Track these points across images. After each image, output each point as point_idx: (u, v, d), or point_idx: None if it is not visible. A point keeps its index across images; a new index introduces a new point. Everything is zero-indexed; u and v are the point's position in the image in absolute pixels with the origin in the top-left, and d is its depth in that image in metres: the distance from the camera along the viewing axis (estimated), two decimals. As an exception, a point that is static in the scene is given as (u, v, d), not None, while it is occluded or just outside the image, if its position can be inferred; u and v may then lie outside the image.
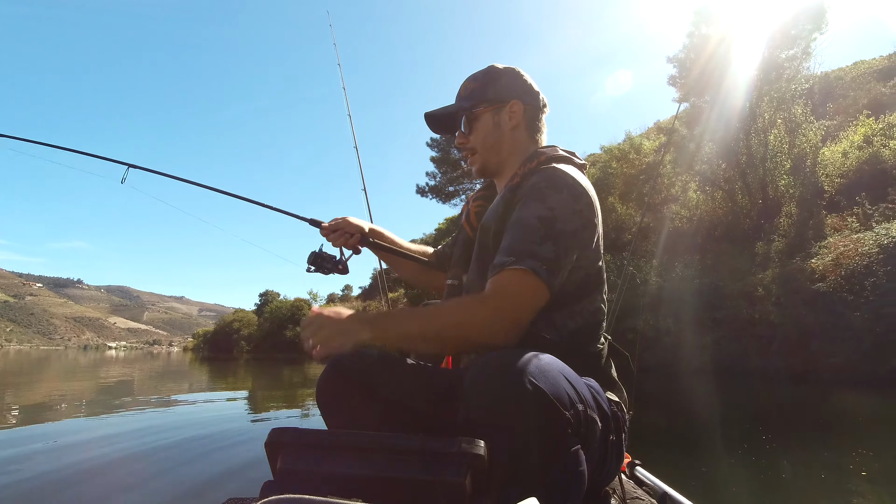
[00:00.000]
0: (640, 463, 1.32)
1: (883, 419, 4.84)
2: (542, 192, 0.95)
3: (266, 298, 46.93)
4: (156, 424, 4.38)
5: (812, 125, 11.67)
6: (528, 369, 0.72)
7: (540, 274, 0.88)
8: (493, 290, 0.89)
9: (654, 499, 1.15)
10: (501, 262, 0.91)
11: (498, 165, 1.13)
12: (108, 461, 2.99)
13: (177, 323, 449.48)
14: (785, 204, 11.37)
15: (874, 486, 2.55)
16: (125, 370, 15.05)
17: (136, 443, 3.58)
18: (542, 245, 0.90)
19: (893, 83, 16.83)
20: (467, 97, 1.13)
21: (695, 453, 3.38)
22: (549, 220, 0.92)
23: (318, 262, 1.34)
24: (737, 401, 6.13)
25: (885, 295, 6.91)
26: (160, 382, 10.44)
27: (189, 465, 2.86)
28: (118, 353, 60.82)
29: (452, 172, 30.06)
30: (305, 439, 0.72)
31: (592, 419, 0.80)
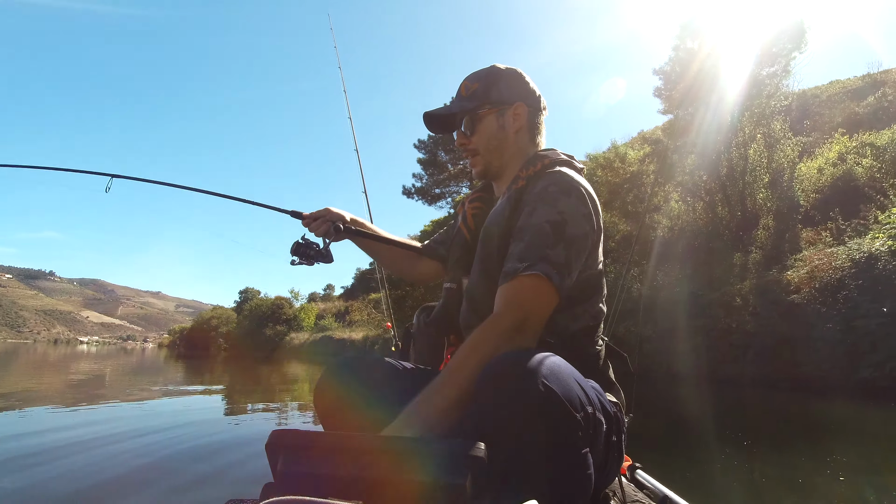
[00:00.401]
0: (640, 466, 1.32)
1: (852, 427, 5.00)
2: (552, 197, 0.95)
3: (246, 296, 46.12)
4: (151, 424, 4.28)
5: (790, 141, 12.04)
6: (541, 371, 0.72)
7: (552, 278, 0.89)
8: (507, 301, 0.89)
9: (654, 502, 1.16)
10: (514, 268, 0.91)
11: (500, 168, 1.13)
12: (104, 461, 2.93)
13: (152, 318, 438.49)
14: (763, 217, 11.68)
15: (849, 490, 2.63)
16: (100, 365, 14.63)
17: (134, 442, 3.52)
18: (553, 249, 0.91)
19: (866, 103, 17.46)
20: (470, 97, 1.11)
21: (675, 454, 3.44)
22: (560, 225, 0.92)
23: (301, 251, 1.33)
24: (713, 406, 6.27)
25: (855, 308, 7.15)
26: (148, 378, 10.18)
27: (189, 466, 2.82)
28: (90, 347, 59.10)
29: (439, 174, 30.10)
30: (306, 441, 0.71)
31: (599, 421, 0.81)
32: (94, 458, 2.96)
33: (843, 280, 7.61)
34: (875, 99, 17.22)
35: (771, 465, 3.29)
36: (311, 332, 34.66)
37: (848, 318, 7.14)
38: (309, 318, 37.21)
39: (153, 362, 19.09)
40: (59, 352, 31.40)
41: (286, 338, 35.57)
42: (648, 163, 15.34)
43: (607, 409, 0.87)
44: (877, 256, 7.40)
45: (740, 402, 6.73)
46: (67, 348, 48.54)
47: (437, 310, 1.16)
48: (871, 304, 6.98)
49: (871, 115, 16.27)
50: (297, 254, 1.33)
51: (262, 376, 12.26)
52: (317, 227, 1.32)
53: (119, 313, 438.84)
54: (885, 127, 13.63)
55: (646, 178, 14.91)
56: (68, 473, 2.58)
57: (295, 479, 0.68)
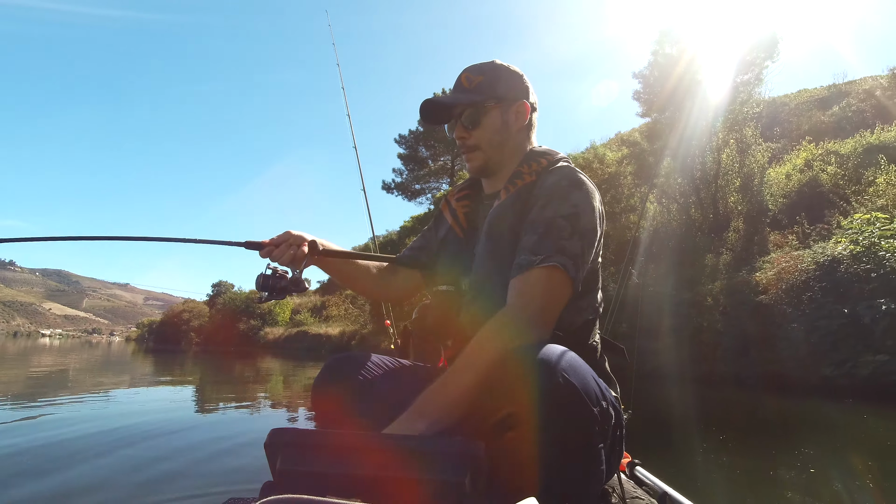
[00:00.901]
0: (639, 462, 1.33)
1: (814, 422, 5.23)
2: (564, 191, 0.96)
3: (219, 289, 45.12)
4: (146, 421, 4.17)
5: (760, 147, 12.47)
6: (561, 365, 0.73)
7: (568, 269, 0.89)
8: (518, 293, 0.89)
9: (653, 498, 1.16)
10: (529, 260, 0.90)
11: (498, 165, 1.11)
12: (94, 459, 2.85)
13: (120, 311, 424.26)
14: (734, 219, 12.06)
15: (814, 480, 2.76)
16: (68, 359, 14.08)
17: (128, 440, 3.43)
18: (569, 241, 0.91)
19: (831, 112, 18.21)
20: (474, 90, 1.08)
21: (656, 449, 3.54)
22: (575, 217, 0.93)
23: (270, 283, 1.14)
24: (687, 403, 6.47)
25: (819, 309, 7.46)
26: (121, 373, 9.83)
27: (188, 465, 2.77)
28: (52, 340, 56.79)
29: (419, 170, 29.99)
30: (305, 440, 0.72)
31: (610, 416, 0.82)
32: (85, 456, 2.90)
33: (808, 282, 7.92)
34: (839, 109, 17.96)
35: (744, 458, 3.42)
36: (286, 326, 34.15)
37: (812, 318, 7.45)
38: (284, 312, 36.65)
39: (122, 356, 18.48)
40: (18, 345, 30.09)
41: (260, 332, 34.97)
42: (626, 164, 15.64)
43: (613, 404, 0.87)
44: (839, 260, 7.73)
45: (712, 399, 6.96)
46: (28, 341, 46.53)
47: (433, 314, 1.13)
48: (834, 305, 7.29)
49: (835, 125, 16.98)
50: (265, 288, 1.14)
51: (237, 371, 12.02)
52: (280, 255, 1.14)
53: (84, 305, 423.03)
54: (848, 136, 14.25)
55: (623, 180, 15.21)
56: (62, 474, 2.52)
57: (294, 478, 0.69)
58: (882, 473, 2.94)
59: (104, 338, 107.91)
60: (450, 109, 1.12)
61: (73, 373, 9.61)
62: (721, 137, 12.50)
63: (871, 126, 14.14)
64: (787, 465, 3.17)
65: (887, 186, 9.93)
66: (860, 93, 18.54)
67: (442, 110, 1.13)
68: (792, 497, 2.55)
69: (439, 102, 1.11)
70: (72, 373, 9.60)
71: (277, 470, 0.70)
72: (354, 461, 0.68)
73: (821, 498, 2.53)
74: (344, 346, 23.01)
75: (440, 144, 28.71)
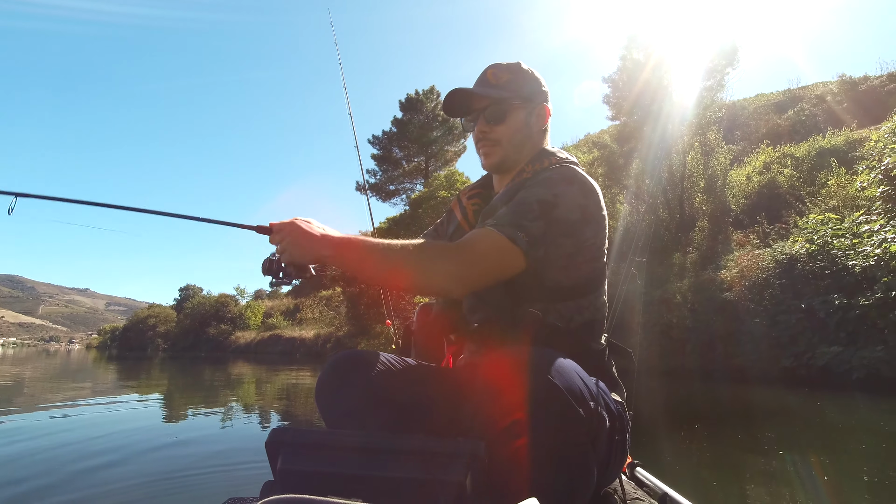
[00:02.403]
0: (640, 463, 1.32)
1: (776, 410, 5.52)
2: (551, 181, 0.98)
3: (187, 293, 43.63)
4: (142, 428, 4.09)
5: (723, 149, 12.97)
6: (545, 365, 0.73)
7: (517, 242, 0.89)
8: (463, 243, 0.91)
9: (654, 500, 1.16)
10: (484, 223, 0.94)
11: (514, 163, 1.12)
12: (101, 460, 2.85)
13: (79, 318, 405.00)
14: (699, 219, 12.51)
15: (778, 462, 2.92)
16: (23, 368, 13.34)
17: (131, 441, 3.42)
18: (532, 222, 0.92)
19: (787, 116, 19.12)
20: (503, 87, 1.09)
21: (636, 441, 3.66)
22: (550, 205, 0.94)
23: (275, 268, 1.09)
24: (660, 396, 6.68)
25: (779, 304, 7.84)
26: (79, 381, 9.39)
27: (188, 465, 2.77)
28: (6, 349, 53.71)
29: (393, 171, 29.84)
30: (306, 439, 0.72)
31: (603, 418, 0.81)
32: (86, 458, 2.88)
33: (769, 279, 8.30)
34: (794, 113, 18.88)
35: (714, 444, 3.61)
36: (259, 330, 33.35)
37: (773, 313, 7.81)
38: (255, 316, 35.78)
39: (83, 364, 17.65)
40: (-32, 355, 28.33)
41: (231, 337, 34.04)
42: (597, 166, 16.01)
43: (611, 407, 0.87)
44: (796, 258, 8.14)
45: (682, 392, 7.21)
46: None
47: (436, 309, 1.15)
48: (792, 300, 7.68)
49: (791, 128, 17.85)
50: (269, 272, 1.10)
51: (211, 377, 11.68)
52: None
53: (40, 312, 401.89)
54: (803, 139, 15.01)
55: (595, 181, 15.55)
56: (63, 475, 2.51)
57: (295, 477, 0.68)
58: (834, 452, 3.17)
59: (63, 346, 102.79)
60: (474, 102, 1.11)
61: (28, 383, 9.15)
62: (686, 140, 12.95)
63: (823, 129, 14.94)
64: (752, 450, 3.35)
65: (838, 188, 10.51)
66: (812, 98, 19.56)
67: (465, 102, 1.13)
68: (756, 480, 2.70)
69: (467, 92, 1.10)
70: (27, 383, 9.14)
71: (278, 469, 0.70)
72: (355, 461, 0.68)
73: (784, 478, 2.68)
74: (319, 350, 22.62)
75: (414, 145, 28.64)
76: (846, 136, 13.55)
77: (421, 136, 27.55)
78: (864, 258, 7.11)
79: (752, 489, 2.57)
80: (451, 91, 1.09)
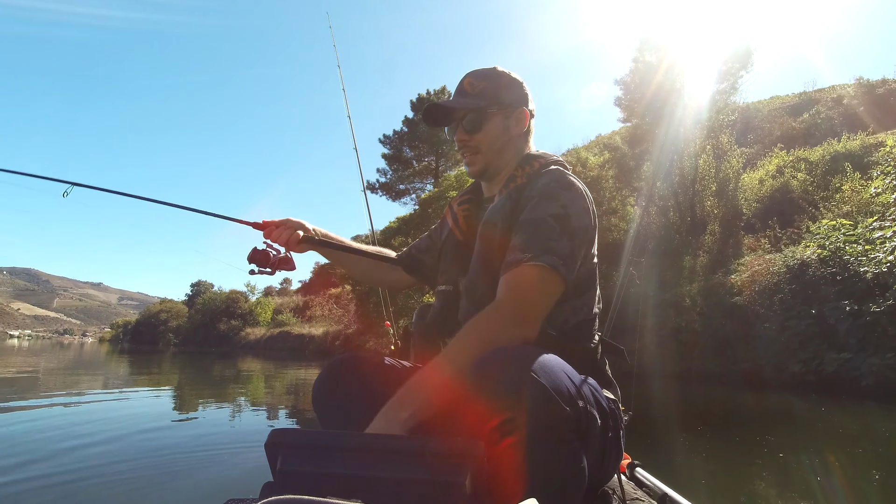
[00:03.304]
0: (639, 464, 1.33)
1: (783, 415, 5.48)
2: (554, 192, 0.98)
3: (198, 289, 44.18)
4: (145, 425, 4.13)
5: (735, 153, 12.82)
6: (530, 364, 0.74)
7: (557, 268, 0.89)
8: (508, 288, 0.90)
9: (653, 500, 1.17)
10: (517, 258, 0.91)
11: (497, 169, 1.13)
12: (99, 460, 2.85)
13: (92, 311, 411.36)
14: (710, 223, 12.38)
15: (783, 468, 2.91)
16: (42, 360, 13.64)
17: (131, 441, 3.43)
18: (558, 241, 0.92)
19: (802, 119, 18.84)
20: (478, 95, 1.11)
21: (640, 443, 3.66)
22: (564, 218, 0.94)
23: (260, 257, 1.23)
24: (667, 399, 6.66)
25: (789, 309, 7.76)
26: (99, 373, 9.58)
27: (188, 465, 2.77)
28: (21, 342, 54.76)
29: (404, 170, 29.92)
30: (305, 440, 0.72)
31: (592, 416, 0.81)
32: (84, 457, 2.89)
33: (780, 284, 8.22)
34: (809, 116, 18.60)
35: (718, 447, 3.62)
36: (268, 327, 33.66)
37: (782, 318, 7.74)
38: (265, 312, 36.12)
39: (96, 357, 17.96)
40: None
41: (241, 333, 34.40)
42: (608, 168, 15.92)
43: (602, 405, 0.87)
44: (808, 263, 8.04)
45: (690, 395, 7.17)
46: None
47: (433, 313, 1.15)
48: (802, 306, 7.59)
49: (806, 131, 17.59)
50: (255, 261, 1.22)
51: (220, 372, 11.83)
52: (279, 235, 1.24)
53: (55, 305, 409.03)
54: (818, 142, 14.78)
55: (605, 183, 15.48)
56: (63, 475, 2.51)
57: (295, 478, 0.68)
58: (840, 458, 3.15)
59: (76, 338, 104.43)
60: (452, 113, 1.13)
61: (42, 375, 9.34)
62: (698, 144, 12.82)
63: (839, 133, 14.69)
64: (757, 453, 3.34)
65: (852, 193, 10.35)
66: (829, 100, 19.24)
67: (444, 113, 1.14)
68: (762, 483, 2.69)
69: (443, 106, 1.12)
70: (41, 375, 9.33)
71: (278, 470, 0.69)
72: (354, 461, 0.68)
73: (789, 482, 2.67)
74: (328, 347, 22.75)
75: (424, 145, 28.68)
76: (862, 140, 13.32)
77: (431, 136, 27.58)
78: (877, 265, 7.01)
79: (759, 492, 2.56)
80: (428, 107, 1.12)
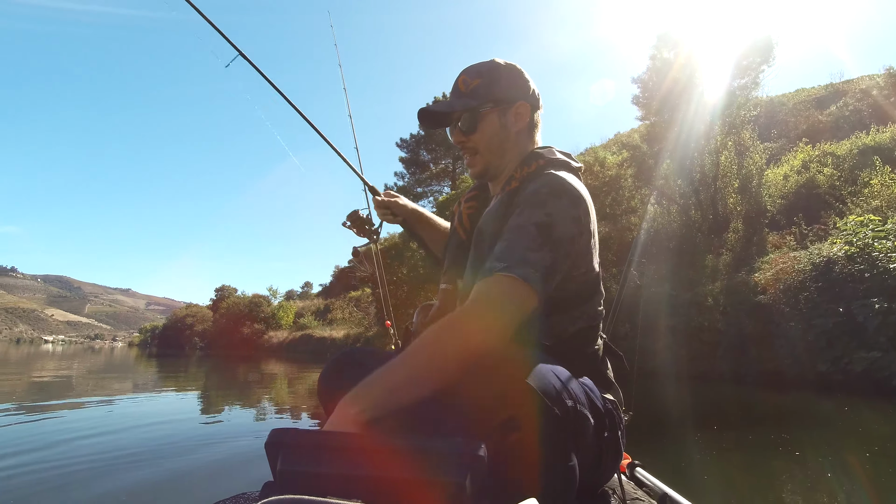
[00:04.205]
0: (639, 464, 1.33)
1: (809, 415, 5.34)
2: (541, 199, 0.92)
3: (222, 293, 45.16)
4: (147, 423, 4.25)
5: (758, 148, 12.49)
6: (517, 365, 0.75)
7: (530, 281, 0.85)
8: (475, 298, 0.86)
9: (653, 499, 1.16)
10: (491, 267, 0.88)
11: (499, 168, 1.09)
12: (97, 459, 2.93)
13: (122, 317, 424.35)
14: (733, 220, 12.09)
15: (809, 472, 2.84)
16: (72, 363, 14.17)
17: (131, 441, 3.50)
18: (538, 252, 0.87)
19: (828, 112, 18.23)
20: (471, 94, 1.06)
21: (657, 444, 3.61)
22: (547, 227, 0.89)
23: (357, 220, 1.48)
24: (688, 400, 6.57)
25: (815, 308, 7.53)
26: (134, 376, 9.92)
27: (188, 465, 2.81)
28: (55, 347, 56.84)
29: (421, 174, 30.10)
30: (306, 440, 0.72)
31: (584, 415, 0.81)
32: (85, 457, 2.94)
33: (805, 282, 7.98)
34: (836, 108, 17.98)
35: (736, 449, 3.54)
36: (290, 330, 34.19)
37: (808, 317, 7.51)
38: (287, 316, 36.70)
39: (125, 361, 18.56)
40: (22, 351, 30.18)
41: (264, 336, 35.01)
42: (626, 167, 15.71)
43: (597, 405, 0.87)
44: (834, 261, 7.79)
45: (710, 396, 7.03)
46: (31, 348, 46.65)
47: (433, 311, 1.16)
48: (829, 304, 7.36)
49: (833, 124, 17.00)
50: (351, 219, 1.48)
51: (243, 374, 12.10)
52: (382, 214, 1.45)
53: (86, 311, 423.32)
54: (846, 135, 14.29)
55: (624, 182, 15.28)
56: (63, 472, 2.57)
57: (295, 478, 0.69)
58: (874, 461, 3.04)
59: (107, 343, 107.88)
60: (448, 115, 1.09)
61: (75, 379, 9.70)
62: (719, 140, 12.55)
63: (868, 126, 14.17)
64: (780, 454, 3.27)
65: (882, 188, 9.98)
66: (857, 92, 18.56)
67: (440, 115, 1.10)
68: (787, 488, 2.62)
69: (436, 111, 1.09)
70: (74, 379, 9.69)
71: (278, 470, 0.69)
72: (355, 461, 0.67)
73: (813, 485, 2.61)
74: (350, 349, 22.89)
75: (441, 147, 28.82)
76: (892, 133, 12.83)
77: (447, 139, 27.64)
78: (909, 261, 6.76)
79: (780, 494, 2.50)
80: (419, 113, 1.09)
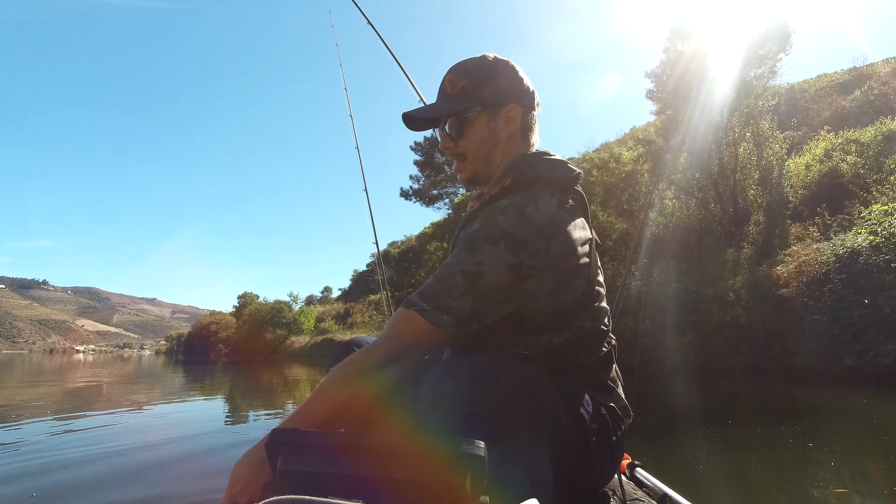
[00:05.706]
0: (639, 464, 1.33)
1: (835, 410, 5.21)
2: (476, 243, 0.87)
3: (244, 300, 46.02)
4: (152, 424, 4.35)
5: (778, 138, 12.16)
6: (481, 375, 0.77)
7: (442, 326, 0.86)
8: (388, 332, 0.90)
9: (653, 500, 1.17)
10: (410, 301, 0.89)
11: (488, 175, 1.04)
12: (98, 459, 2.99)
13: (148, 325, 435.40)
14: (753, 213, 11.81)
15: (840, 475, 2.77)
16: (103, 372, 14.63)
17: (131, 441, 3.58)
18: (458, 300, 0.85)
19: (852, 97, 17.63)
20: (457, 96, 0.99)
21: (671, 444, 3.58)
22: (474, 276, 0.85)
23: None
24: (708, 396, 6.46)
25: (839, 300, 7.30)
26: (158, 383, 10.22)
27: (188, 465, 2.86)
28: (87, 356, 58.65)
29: (436, 176, 30.20)
30: (305, 439, 0.73)
31: (558, 423, 0.84)
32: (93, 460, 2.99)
33: (829, 274, 7.75)
34: (861, 93, 17.38)
35: (757, 446, 3.49)
36: (312, 334, 34.63)
37: (833, 310, 7.30)
38: (308, 321, 37.19)
39: (153, 369, 19.07)
40: (55, 361, 31.22)
41: (286, 341, 35.53)
42: (643, 163, 15.50)
43: (583, 410, 0.88)
44: (859, 251, 7.54)
45: (733, 392, 6.90)
46: (64, 358, 48.19)
47: None
48: (854, 296, 7.13)
49: (858, 110, 16.44)
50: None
51: (266, 380, 12.32)
52: None
53: (114, 321, 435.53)
54: (870, 121, 13.81)
55: (640, 178, 15.07)
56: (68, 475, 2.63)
57: (295, 478, 0.70)
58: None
59: (135, 352, 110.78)
60: (434, 120, 1.04)
61: (106, 386, 10.01)
62: (737, 132, 12.27)
63: (895, 110, 13.69)
64: (795, 450, 3.19)
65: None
66: (883, 76, 17.92)
67: (425, 119, 1.04)
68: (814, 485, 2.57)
69: (418, 116, 1.03)
70: (105, 387, 10.00)
71: (278, 470, 0.71)
72: (355, 461, 0.68)
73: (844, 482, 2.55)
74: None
75: (444, 151, 28.89)
76: (920, 117, 12.38)
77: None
78: (938, 250, 6.51)
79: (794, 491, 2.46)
80: (404, 115, 1.04)
